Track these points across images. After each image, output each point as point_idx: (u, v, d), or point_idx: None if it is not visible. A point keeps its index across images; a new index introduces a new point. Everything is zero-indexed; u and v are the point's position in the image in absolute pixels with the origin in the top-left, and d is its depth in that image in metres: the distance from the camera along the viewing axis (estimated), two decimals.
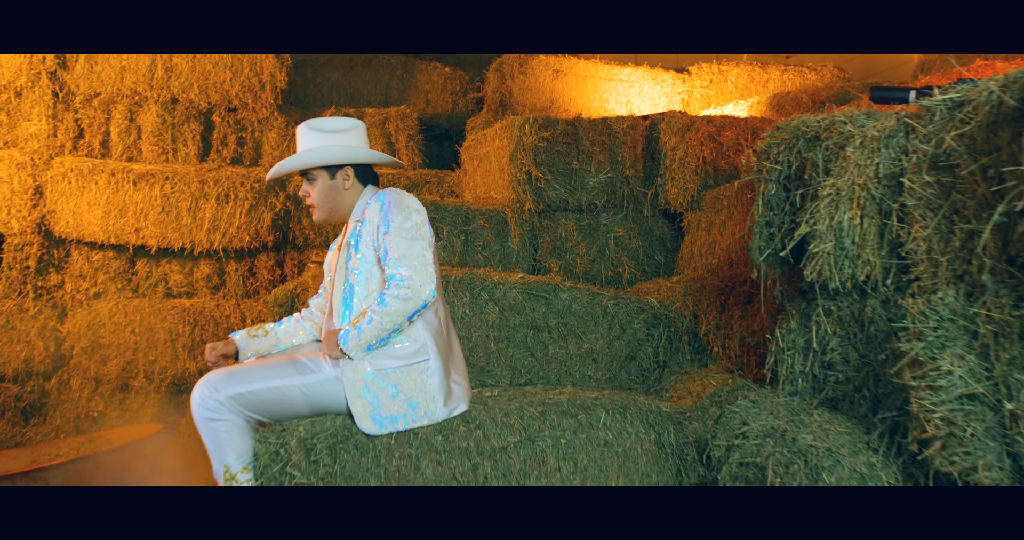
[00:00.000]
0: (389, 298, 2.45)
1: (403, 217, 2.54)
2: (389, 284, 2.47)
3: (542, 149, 4.23)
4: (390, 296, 2.45)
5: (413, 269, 2.47)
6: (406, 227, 2.53)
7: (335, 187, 2.70)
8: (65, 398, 5.17)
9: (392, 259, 2.49)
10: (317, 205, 2.70)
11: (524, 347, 3.52)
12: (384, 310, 2.45)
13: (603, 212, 4.45)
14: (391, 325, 2.46)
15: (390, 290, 2.46)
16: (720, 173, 4.28)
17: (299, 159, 2.64)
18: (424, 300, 2.47)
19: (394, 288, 2.45)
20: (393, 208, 2.55)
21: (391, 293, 2.45)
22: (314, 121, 2.71)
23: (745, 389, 2.95)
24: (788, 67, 6.56)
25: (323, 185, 2.69)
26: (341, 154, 2.68)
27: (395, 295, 2.45)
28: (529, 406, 2.80)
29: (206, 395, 2.46)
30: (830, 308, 2.57)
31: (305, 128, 2.68)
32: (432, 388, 2.55)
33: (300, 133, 2.69)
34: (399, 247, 2.49)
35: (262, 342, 2.82)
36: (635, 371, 3.66)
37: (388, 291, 2.46)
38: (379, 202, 2.60)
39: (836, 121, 2.46)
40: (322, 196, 2.69)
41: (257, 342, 2.81)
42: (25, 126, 5.15)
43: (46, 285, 5.20)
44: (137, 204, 5.06)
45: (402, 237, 2.51)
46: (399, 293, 2.44)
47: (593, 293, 3.62)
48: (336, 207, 2.70)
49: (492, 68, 6.07)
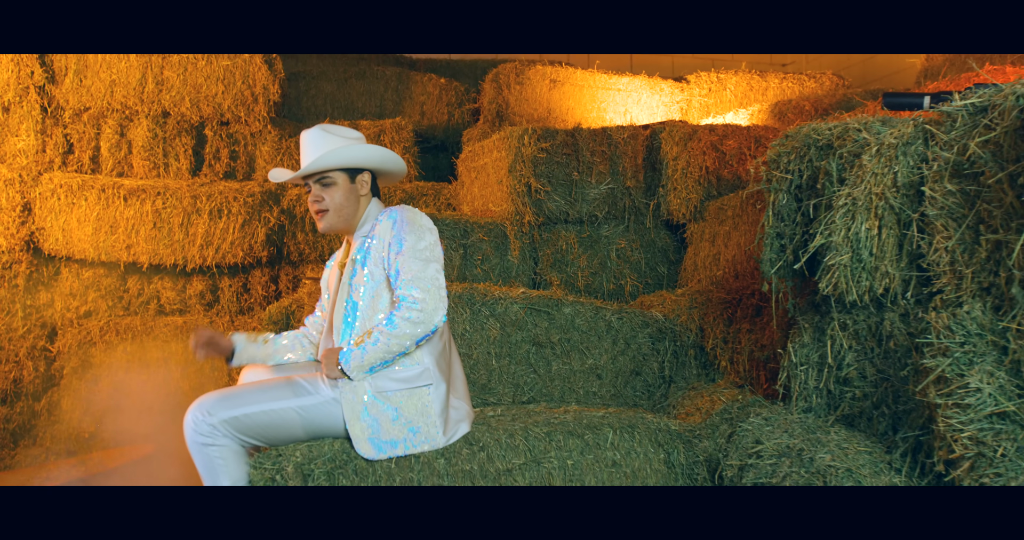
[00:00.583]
0: (399, 320, 2.35)
1: (416, 237, 2.44)
2: (400, 305, 2.37)
3: (541, 160, 4.15)
4: (400, 318, 2.35)
5: (426, 292, 2.36)
6: (419, 247, 2.43)
7: (354, 192, 2.59)
8: (55, 419, 5.05)
9: (404, 280, 2.39)
10: (332, 210, 2.57)
11: (526, 364, 3.43)
12: (392, 332, 2.35)
13: (604, 224, 4.36)
14: (398, 348, 2.36)
15: (400, 311, 2.36)
16: (723, 183, 4.20)
17: (334, 156, 2.50)
18: (435, 325, 2.37)
19: (405, 310, 2.35)
20: (406, 227, 2.45)
21: (401, 315, 2.35)
22: (327, 126, 2.61)
23: (757, 405, 2.86)
24: (787, 75, 6.50)
25: (343, 189, 2.57)
26: (375, 156, 2.58)
27: (406, 317, 2.34)
28: (534, 426, 2.70)
29: (199, 419, 2.36)
30: (846, 322, 2.48)
31: (320, 131, 2.57)
32: (434, 413, 2.45)
33: (314, 136, 2.56)
34: (412, 268, 2.39)
35: (259, 350, 2.72)
36: (640, 387, 3.56)
37: (398, 312, 2.36)
38: (391, 219, 2.50)
39: (849, 128, 2.38)
40: (341, 200, 2.57)
41: (255, 348, 2.71)
42: (13, 142, 5.05)
43: (35, 304, 5.08)
44: (128, 220, 4.95)
45: (415, 258, 2.41)
46: (410, 316, 2.34)
47: (596, 307, 3.53)
48: (351, 214, 2.59)
49: (488, 78, 5.99)
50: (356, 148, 2.55)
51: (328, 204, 2.56)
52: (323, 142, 2.55)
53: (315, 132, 2.57)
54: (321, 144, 2.54)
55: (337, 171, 2.56)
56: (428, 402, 2.45)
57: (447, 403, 2.50)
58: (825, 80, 6.49)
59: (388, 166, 2.65)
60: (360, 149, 2.56)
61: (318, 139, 2.56)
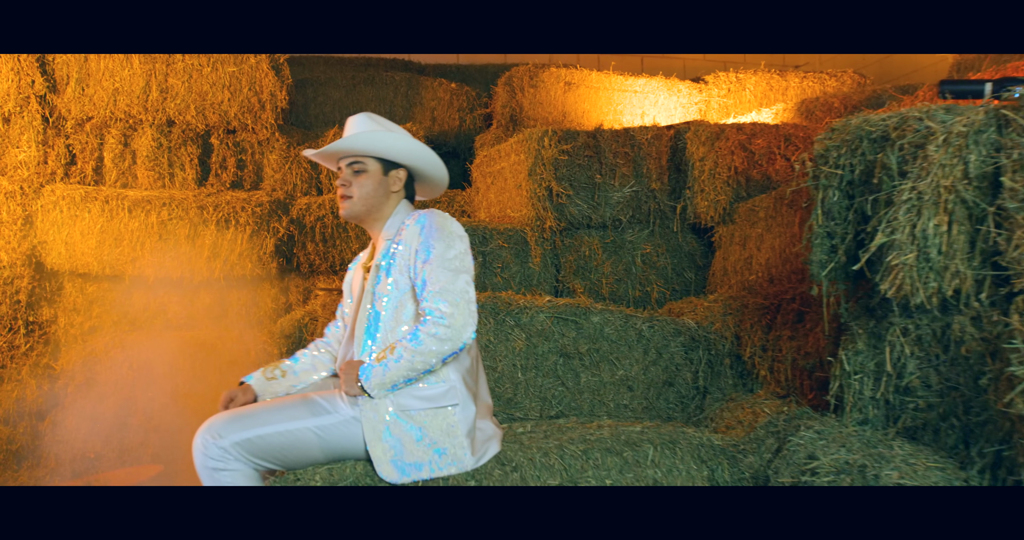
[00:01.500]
0: (424, 335, 2.16)
1: (446, 245, 2.26)
2: (426, 320, 2.18)
3: (563, 163, 3.97)
4: (426, 333, 2.16)
5: (455, 306, 2.17)
6: (448, 257, 2.24)
7: (384, 186, 2.42)
8: (60, 439, 4.88)
9: (431, 292, 2.20)
10: (357, 198, 2.39)
11: (554, 376, 3.24)
12: (417, 348, 2.16)
13: (628, 228, 4.17)
14: (422, 365, 2.18)
15: (426, 327, 2.17)
16: (752, 183, 4.01)
17: (369, 139, 2.34)
18: (463, 342, 2.19)
19: (431, 325, 2.16)
20: (435, 233, 2.27)
21: (427, 330, 2.16)
22: (374, 114, 2.45)
23: (805, 418, 2.67)
24: (807, 74, 6.33)
25: (373, 178, 2.40)
26: (415, 152, 2.42)
27: (432, 333, 2.16)
28: (569, 444, 2.52)
29: (209, 442, 2.18)
30: (907, 327, 2.29)
31: (365, 116, 2.41)
32: (460, 433, 2.26)
33: (358, 120, 2.41)
34: (440, 279, 2.20)
35: (280, 384, 2.52)
36: (673, 398, 3.37)
37: (424, 327, 2.17)
38: (419, 224, 2.31)
39: (909, 117, 2.20)
40: (369, 189, 2.39)
41: (276, 385, 2.51)
42: (14, 153, 4.90)
43: (38, 320, 4.92)
44: (133, 232, 4.82)
45: (444, 268, 2.22)
46: (437, 332, 2.15)
47: (626, 315, 3.34)
48: (375, 207, 2.41)
49: (501, 82, 5.83)
50: (395, 137, 2.38)
51: (354, 191, 2.38)
52: (365, 126, 2.38)
53: (360, 116, 2.42)
54: (362, 128, 2.38)
55: (371, 158, 2.39)
56: (454, 422, 2.26)
57: (475, 423, 2.31)
58: (847, 78, 6.31)
59: (425, 166, 2.47)
60: (399, 139, 2.38)
61: (361, 122, 2.40)
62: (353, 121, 2.43)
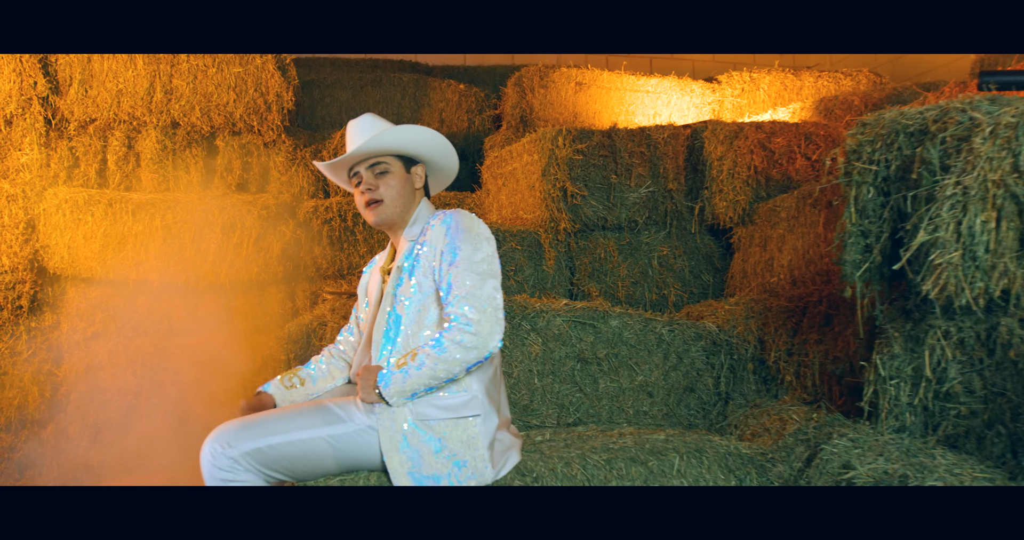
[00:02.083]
0: (449, 343, 2.05)
1: (473, 247, 2.15)
2: (450, 326, 2.07)
3: (577, 163, 3.87)
4: (450, 340, 2.05)
5: (482, 312, 2.06)
6: (476, 260, 2.13)
7: (409, 184, 2.33)
8: (63, 447, 4.80)
9: (457, 296, 2.09)
10: (388, 200, 2.28)
11: (571, 382, 3.13)
12: (441, 356, 2.05)
13: (644, 230, 4.07)
14: (445, 374, 2.07)
15: (451, 333, 2.06)
16: (772, 183, 3.91)
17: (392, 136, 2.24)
18: (490, 350, 2.08)
19: (457, 332, 2.06)
20: (462, 235, 2.16)
21: (452, 337, 2.05)
22: (378, 116, 2.36)
23: (837, 425, 2.56)
24: (822, 73, 6.22)
25: (399, 178, 2.30)
26: (437, 144, 2.33)
27: (457, 340, 2.05)
28: (592, 453, 2.41)
29: (218, 452, 2.07)
30: (949, 329, 2.18)
31: (371, 117, 2.32)
32: (481, 445, 2.15)
33: (365, 121, 2.31)
34: (467, 283, 2.10)
35: (299, 392, 2.42)
36: (695, 405, 3.26)
37: (449, 334, 2.06)
38: (445, 224, 2.21)
39: (950, 109, 2.09)
40: (398, 189, 2.29)
41: (295, 393, 2.41)
42: (16, 156, 4.81)
43: (40, 326, 4.82)
44: (137, 236, 4.73)
45: (471, 271, 2.11)
46: (462, 339, 2.05)
47: (645, 319, 3.24)
48: (405, 208, 2.31)
49: (511, 82, 5.73)
50: (416, 130, 2.29)
51: (383, 194, 2.28)
52: (372, 126, 2.29)
53: (366, 118, 2.32)
54: (371, 128, 2.28)
55: (392, 158, 2.29)
56: (475, 434, 2.15)
57: (495, 435, 2.21)
58: (862, 78, 6.21)
59: (442, 157, 2.38)
60: (420, 132, 2.29)
61: (369, 124, 2.30)
62: (361, 124, 2.33)
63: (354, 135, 2.29)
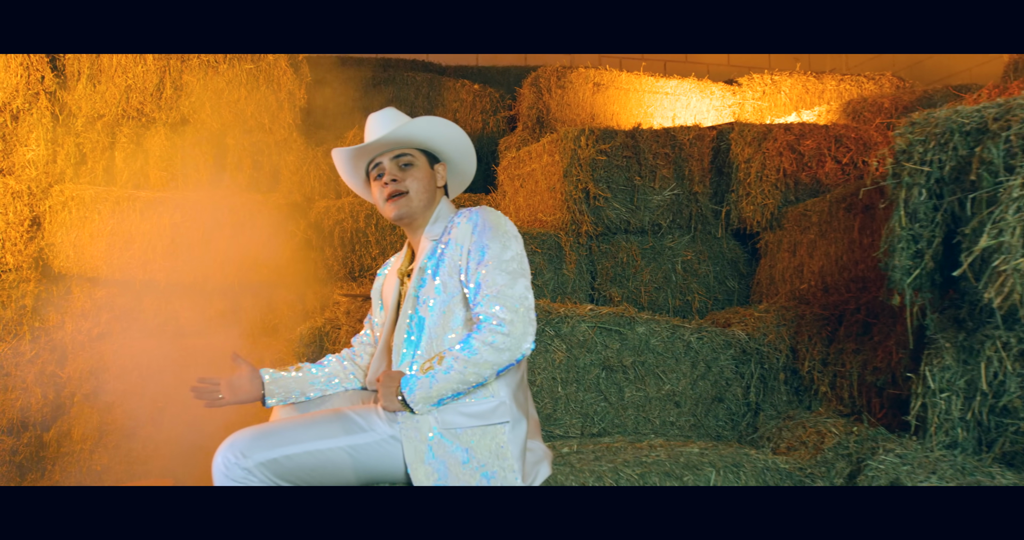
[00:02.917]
0: (479, 344, 1.93)
1: (502, 245, 2.03)
2: (480, 327, 1.95)
3: (600, 163, 3.75)
4: (481, 342, 1.93)
5: (514, 312, 1.94)
6: (505, 258, 2.02)
7: (432, 181, 2.22)
8: (65, 451, 4.70)
9: (487, 296, 1.97)
10: (413, 192, 2.17)
11: (596, 390, 3.01)
12: (471, 358, 1.93)
13: (668, 233, 3.95)
14: (475, 378, 1.95)
15: (482, 334, 1.94)
16: (801, 187, 3.78)
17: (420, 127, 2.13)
18: (522, 353, 1.96)
19: (487, 333, 1.93)
20: (489, 232, 2.05)
21: (482, 338, 1.93)
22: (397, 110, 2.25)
23: (881, 439, 2.44)
24: (844, 77, 6.10)
25: (423, 171, 2.20)
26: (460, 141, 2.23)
27: (488, 341, 1.93)
28: (624, 467, 2.29)
29: (231, 462, 1.95)
30: (1009, 340, 2.06)
31: (392, 110, 2.22)
32: (511, 455, 2.02)
33: (387, 114, 2.21)
34: (497, 282, 1.97)
35: (292, 377, 2.30)
36: (723, 415, 3.14)
37: (479, 335, 1.94)
38: (472, 222, 2.09)
39: (1014, 106, 1.97)
40: (424, 183, 2.18)
41: (287, 377, 2.29)
42: (22, 152, 4.70)
43: (44, 326, 4.71)
44: (144, 235, 4.63)
45: (502, 270, 1.99)
46: (494, 340, 1.92)
47: (673, 326, 3.12)
48: (428, 204, 2.20)
49: (527, 83, 5.61)
50: (445, 123, 2.19)
51: (409, 185, 2.16)
52: (395, 118, 2.18)
53: (389, 111, 2.22)
54: (394, 119, 2.17)
55: (417, 151, 2.19)
56: (504, 442, 2.03)
57: (525, 443, 2.08)
58: (885, 82, 6.09)
59: (464, 160, 2.30)
60: (449, 126, 2.20)
61: (393, 116, 2.20)
62: (384, 115, 2.22)
63: (378, 125, 2.18)
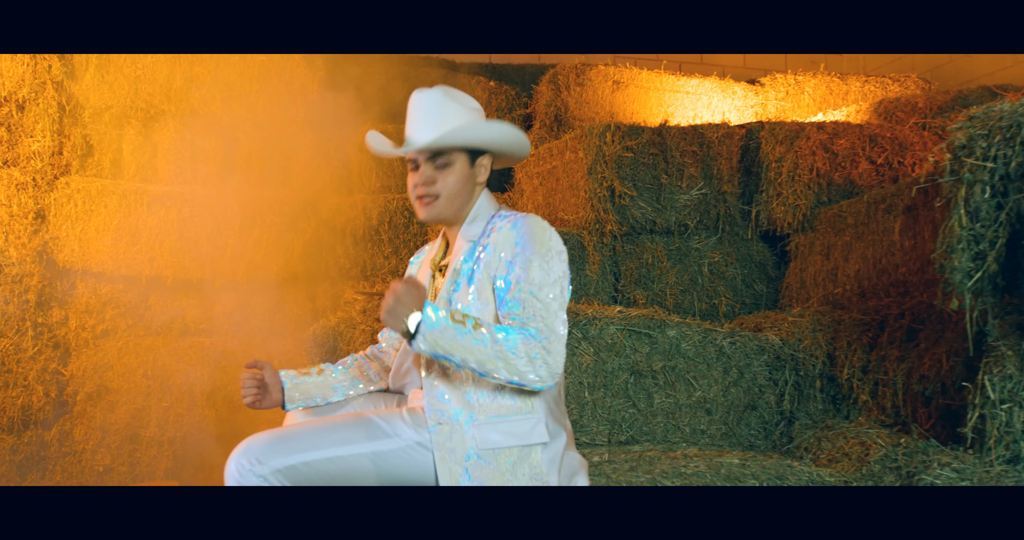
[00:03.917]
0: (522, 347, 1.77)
1: (545, 266, 1.85)
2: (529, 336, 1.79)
3: (626, 161, 3.61)
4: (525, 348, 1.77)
5: (559, 342, 1.81)
6: (549, 282, 1.84)
7: (471, 179, 2.04)
8: (67, 450, 4.62)
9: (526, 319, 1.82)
10: (444, 197, 2.00)
11: (624, 396, 2.88)
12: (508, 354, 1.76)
13: (695, 234, 3.81)
14: (491, 368, 1.76)
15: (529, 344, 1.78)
16: (834, 188, 3.65)
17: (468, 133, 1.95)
18: (550, 385, 1.82)
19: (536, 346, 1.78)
20: (533, 249, 1.86)
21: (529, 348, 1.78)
22: (449, 89, 2.03)
23: (933, 452, 2.30)
24: (869, 78, 5.96)
25: (460, 172, 2.00)
26: (510, 138, 2.02)
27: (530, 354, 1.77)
28: (663, 478, 2.15)
29: (245, 469, 1.81)
30: None
31: (443, 97, 1.99)
32: (545, 473, 1.88)
33: (436, 101, 1.99)
34: (535, 309, 1.82)
35: (313, 382, 2.16)
36: (756, 424, 3.00)
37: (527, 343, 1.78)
38: (515, 229, 1.92)
39: None
40: (456, 187, 1.99)
41: (308, 381, 2.15)
42: (27, 143, 4.58)
43: (47, 322, 4.60)
44: (151, 230, 4.55)
45: (541, 298, 1.82)
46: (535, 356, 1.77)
47: (705, 330, 2.98)
48: (463, 204, 2.03)
49: (544, 80, 5.48)
50: (492, 126, 2.00)
51: (440, 189, 1.99)
52: (447, 111, 1.98)
53: (437, 96, 1.99)
54: (445, 114, 1.97)
55: (459, 150, 2.02)
56: (538, 462, 1.89)
57: (563, 458, 1.94)
58: (910, 83, 5.96)
59: (519, 153, 2.11)
60: (497, 127, 2.00)
61: (440, 106, 1.98)
62: (431, 104, 1.99)
63: (421, 117, 1.99)
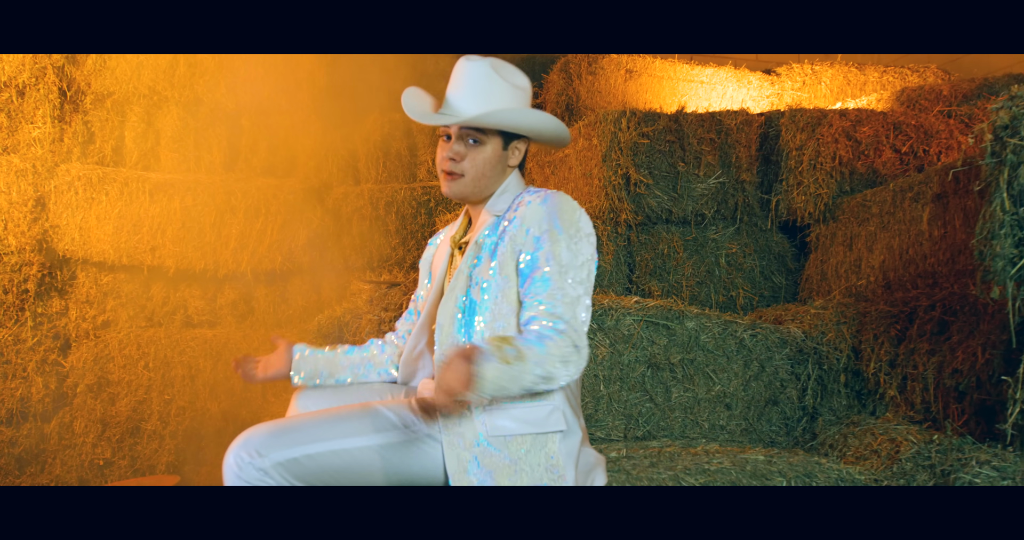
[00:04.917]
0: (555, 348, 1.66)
1: (573, 247, 1.77)
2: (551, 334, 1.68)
3: (642, 148, 3.50)
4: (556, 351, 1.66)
5: (583, 328, 1.72)
6: (576, 264, 1.76)
7: (502, 161, 1.94)
8: (67, 443, 4.54)
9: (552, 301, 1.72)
10: (470, 176, 1.89)
11: (641, 390, 2.77)
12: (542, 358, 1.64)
13: (712, 224, 3.69)
14: (531, 384, 1.66)
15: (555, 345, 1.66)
16: (856, 177, 3.53)
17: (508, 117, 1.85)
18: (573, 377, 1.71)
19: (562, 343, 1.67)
20: (561, 229, 1.77)
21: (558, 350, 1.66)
22: (498, 63, 1.90)
23: (969, 450, 2.18)
24: (888, 68, 5.83)
25: (491, 153, 1.89)
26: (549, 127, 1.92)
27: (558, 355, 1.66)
28: (686, 475, 2.04)
29: (245, 461, 1.70)
30: None
31: (489, 71, 1.87)
32: (562, 465, 1.77)
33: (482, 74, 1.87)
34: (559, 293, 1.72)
35: (323, 356, 2.05)
36: (777, 420, 2.89)
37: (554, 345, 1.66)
38: (544, 205, 1.81)
39: None
40: (484, 167, 1.89)
41: (318, 355, 2.05)
42: (27, 129, 4.49)
43: (47, 312, 4.51)
44: (153, 218, 4.46)
45: (565, 284, 1.73)
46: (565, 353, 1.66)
47: (725, 321, 2.87)
48: (490, 184, 1.92)
49: (556, 69, 5.37)
50: (535, 115, 1.89)
51: (466, 167, 1.88)
52: (493, 88, 1.86)
53: (484, 69, 1.87)
54: (492, 90, 1.86)
55: (495, 131, 1.90)
56: (554, 453, 1.77)
57: (579, 453, 1.83)
58: (929, 74, 5.83)
59: (554, 141, 2.00)
60: (538, 117, 1.89)
61: (487, 80, 1.87)
62: (476, 76, 1.88)
63: (465, 87, 1.88)
